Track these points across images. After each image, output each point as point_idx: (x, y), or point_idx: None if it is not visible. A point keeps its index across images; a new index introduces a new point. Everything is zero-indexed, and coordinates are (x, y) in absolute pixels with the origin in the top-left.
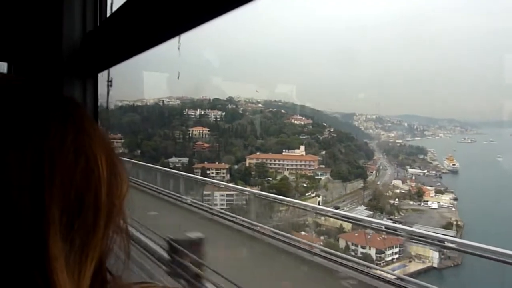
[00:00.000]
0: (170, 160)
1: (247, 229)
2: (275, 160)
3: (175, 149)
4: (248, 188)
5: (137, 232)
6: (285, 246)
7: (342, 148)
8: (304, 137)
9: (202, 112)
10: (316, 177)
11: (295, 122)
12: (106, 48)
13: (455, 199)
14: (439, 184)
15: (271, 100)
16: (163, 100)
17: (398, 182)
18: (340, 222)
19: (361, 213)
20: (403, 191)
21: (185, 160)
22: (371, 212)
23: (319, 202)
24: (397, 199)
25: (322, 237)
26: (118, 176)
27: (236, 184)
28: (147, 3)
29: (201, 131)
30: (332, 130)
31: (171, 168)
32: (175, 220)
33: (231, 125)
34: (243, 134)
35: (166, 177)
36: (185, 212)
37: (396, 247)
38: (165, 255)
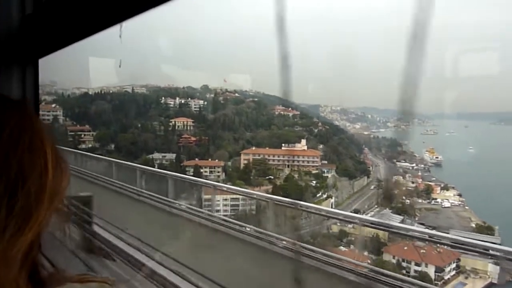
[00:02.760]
0: (152, 156)
1: (269, 243)
2: (273, 156)
3: (156, 143)
4: (250, 190)
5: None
6: (336, 270)
7: (337, 142)
8: (297, 129)
9: (182, 101)
10: (323, 174)
11: (284, 113)
12: (47, 32)
13: (460, 195)
14: (434, 178)
15: (241, 90)
16: (132, 87)
17: (399, 178)
18: (372, 230)
19: (388, 217)
20: (409, 188)
21: (171, 156)
22: (399, 216)
23: (332, 205)
24: (407, 198)
25: (365, 253)
26: (63, 167)
27: (234, 184)
28: None
29: (185, 123)
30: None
31: (153, 166)
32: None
33: (217, 116)
34: (231, 126)
35: (152, 178)
36: (183, 221)
37: (453, 262)
38: None
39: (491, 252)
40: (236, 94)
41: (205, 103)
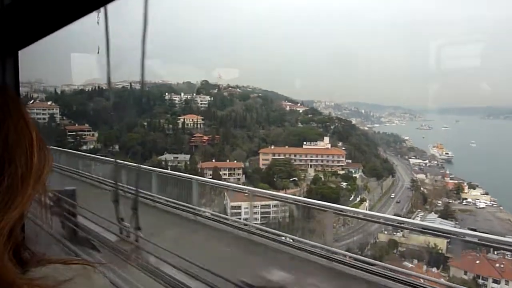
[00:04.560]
0: (162, 157)
1: (320, 257)
2: (295, 155)
3: (166, 143)
4: (278, 193)
5: None
6: None
7: (355, 138)
8: (313, 125)
9: (188, 97)
10: (351, 175)
11: (295, 109)
12: (27, 22)
13: (487, 193)
14: (453, 176)
15: (236, 85)
16: (130, 83)
17: (422, 176)
18: (427, 238)
19: (436, 222)
20: (437, 188)
21: (183, 157)
22: (446, 221)
23: (366, 209)
24: (439, 199)
25: (429, 267)
26: (46, 151)
27: (257, 187)
28: None
29: (194, 120)
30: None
31: (165, 168)
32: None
33: (227, 113)
34: (243, 123)
35: (167, 181)
36: (212, 231)
37: None
38: None
39: None
40: (238, 90)
41: (211, 98)
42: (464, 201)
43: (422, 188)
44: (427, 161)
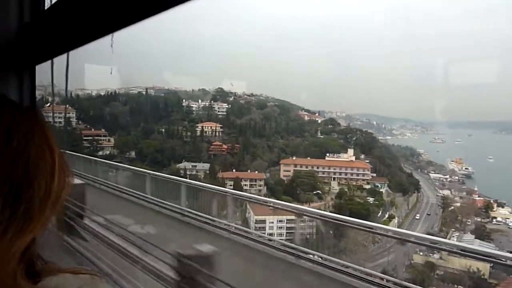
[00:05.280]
0: (181, 165)
1: (354, 278)
2: (317, 167)
3: (184, 151)
4: (306, 207)
5: None
6: None
7: (378, 151)
8: (334, 136)
9: (206, 104)
10: (378, 189)
11: (314, 119)
12: (44, 40)
13: None
14: (478, 192)
15: (251, 93)
16: (146, 89)
17: (447, 193)
18: (467, 262)
19: (475, 243)
20: (464, 205)
21: (202, 166)
22: (485, 242)
23: (395, 226)
24: (468, 217)
25: None
26: (66, 173)
27: (279, 200)
28: None
29: (213, 128)
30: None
31: (184, 177)
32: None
33: (246, 121)
34: (262, 132)
35: (192, 192)
36: (237, 246)
37: None
38: None
39: None
40: (253, 98)
41: (229, 106)
42: (494, 220)
43: (450, 206)
44: (447, 176)
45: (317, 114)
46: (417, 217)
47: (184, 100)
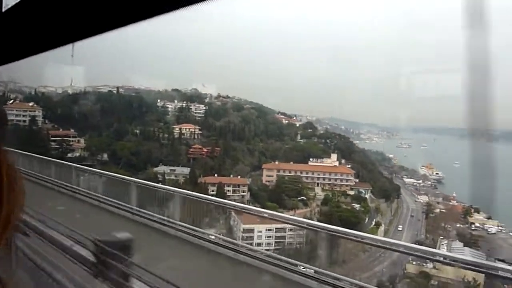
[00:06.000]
0: (158, 169)
1: None
2: (301, 172)
3: (162, 154)
4: (296, 217)
5: None
6: None
7: (358, 156)
8: (315, 140)
9: (183, 105)
10: (362, 195)
11: (292, 122)
12: (6, 42)
13: (489, 217)
14: (456, 197)
15: (227, 95)
16: (117, 88)
17: (424, 198)
18: (459, 271)
19: (466, 252)
20: (443, 210)
21: (181, 170)
22: (474, 250)
23: (382, 233)
24: (449, 223)
25: None
26: (17, 189)
27: (264, 207)
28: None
29: (191, 130)
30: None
31: (161, 182)
32: None
33: (225, 124)
34: (241, 135)
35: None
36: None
37: None
38: None
39: None
40: (229, 100)
41: (206, 107)
42: (473, 225)
43: (432, 212)
44: (420, 181)
45: (294, 118)
46: (399, 229)
47: (159, 101)
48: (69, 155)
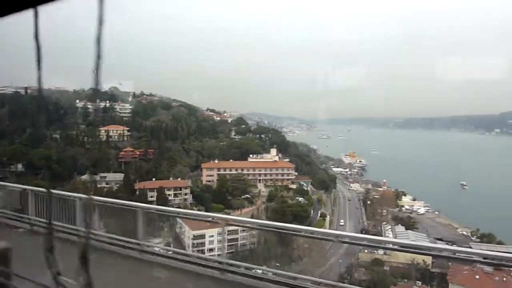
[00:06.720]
0: (87, 178)
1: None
2: (242, 170)
3: (88, 160)
4: (247, 219)
5: None
6: None
7: (294, 149)
8: (250, 136)
9: (107, 105)
10: (304, 188)
11: (224, 118)
12: None
13: (414, 199)
14: (381, 183)
15: (150, 93)
16: (26, 88)
17: (356, 185)
18: (408, 255)
19: (410, 235)
20: (376, 196)
21: (113, 177)
22: (417, 232)
23: (329, 224)
24: (383, 207)
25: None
26: None
27: (209, 209)
28: None
29: (119, 132)
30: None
31: (90, 190)
32: None
33: (155, 123)
34: (174, 135)
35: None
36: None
37: None
38: None
39: None
40: (155, 98)
41: (133, 106)
42: (403, 208)
43: (369, 198)
44: (347, 170)
45: (224, 114)
46: (341, 221)
47: (78, 101)
48: None
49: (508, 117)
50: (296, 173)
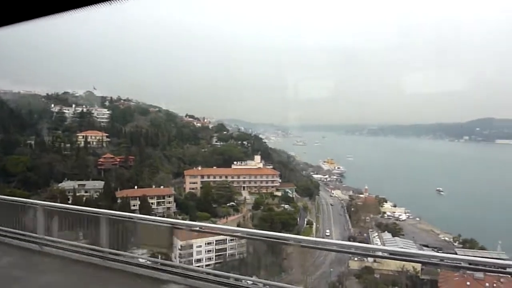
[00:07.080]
0: (64, 185)
1: None
2: (226, 177)
3: (66, 167)
4: (235, 227)
5: None
6: None
7: (276, 156)
8: (232, 142)
9: (84, 110)
10: (289, 196)
11: (205, 125)
12: None
13: (395, 205)
14: (361, 189)
15: (127, 97)
16: None
17: (338, 192)
18: (398, 263)
19: (398, 242)
20: (359, 203)
21: (93, 185)
22: (404, 239)
23: (316, 231)
24: (367, 214)
25: None
26: None
27: (194, 217)
28: None
29: (98, 138)
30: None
31: (68, 199)
32: None
33: (134, 129)
34: (155, 141)
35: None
36: None
37: None
38: None
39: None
40: (132, 103)
41: (111, 112)
42: (385, 215)
43: (353, 205)
44: (326, 176)
45: (205, 120)
46: (327, 230)
47: (53, 106)
48: None
49: (475, 125)
50: (280, 180)
